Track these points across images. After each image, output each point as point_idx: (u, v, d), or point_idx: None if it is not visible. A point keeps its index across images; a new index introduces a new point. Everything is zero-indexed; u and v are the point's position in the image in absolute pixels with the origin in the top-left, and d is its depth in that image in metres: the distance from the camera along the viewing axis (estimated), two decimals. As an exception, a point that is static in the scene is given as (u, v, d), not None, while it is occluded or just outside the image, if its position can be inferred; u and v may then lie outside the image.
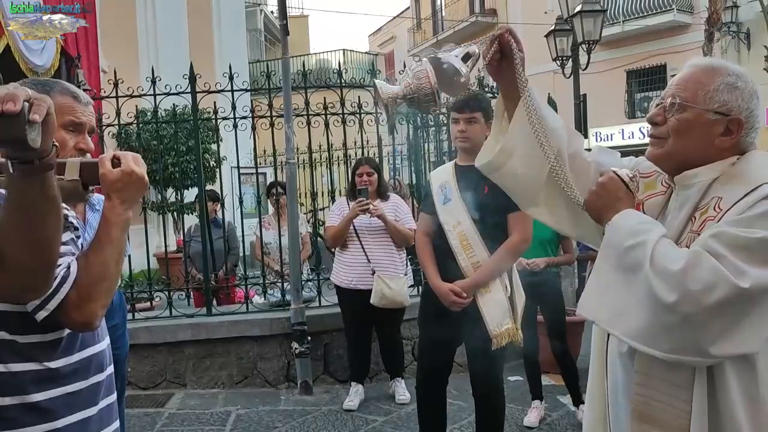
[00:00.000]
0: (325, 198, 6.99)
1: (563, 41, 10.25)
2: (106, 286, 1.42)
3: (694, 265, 1.41)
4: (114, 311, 2.81)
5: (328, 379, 5.37)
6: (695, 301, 1.39)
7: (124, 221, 1.44)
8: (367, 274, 4.75)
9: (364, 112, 5.66)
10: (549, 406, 4.68)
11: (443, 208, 3.34)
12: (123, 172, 1.41)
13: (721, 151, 1.60)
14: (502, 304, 3.26)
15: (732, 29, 17.92)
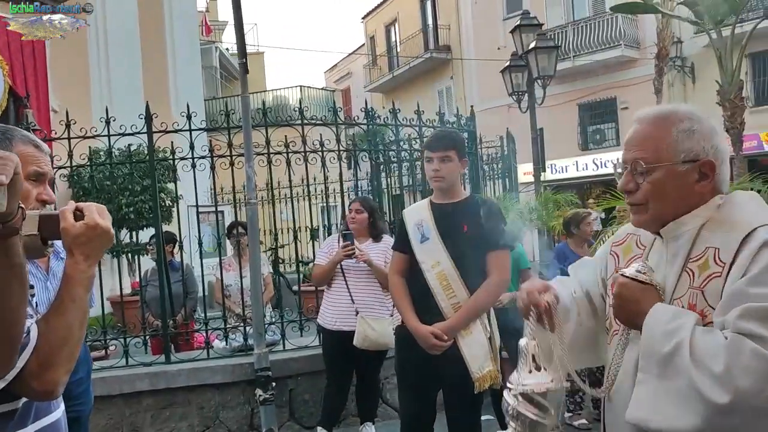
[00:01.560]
0: (286, 235, 6.84)
1: (518, 77, 10.43)
2: (69, 351, 1.30)
3: (737, 356, 1.33)
4: (78, 365, 2.64)
5: (294, 426, 5.17)
6: (751, 395, 1.31)
7: (89, 278, 1.33)
8: (351, 315, 4.61)
9: (326, 149, 5.58)
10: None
11: (421, 247, 3.23)
12: (87, 226, 1.30)
13: (703, 195, 1.58)
14: (483, 346, 3.17)
15: (677, 63, 18.57)
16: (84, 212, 1.31)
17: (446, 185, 3.22)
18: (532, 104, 10.15)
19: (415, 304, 3.25)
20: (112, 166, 5.49)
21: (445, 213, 3.22)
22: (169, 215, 8.79)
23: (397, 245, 3.46)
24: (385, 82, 27.14)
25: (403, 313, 3.30)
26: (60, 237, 1.30)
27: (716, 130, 1.65)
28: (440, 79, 25.47)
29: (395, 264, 3.43)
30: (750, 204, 1.58)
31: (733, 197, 1.59)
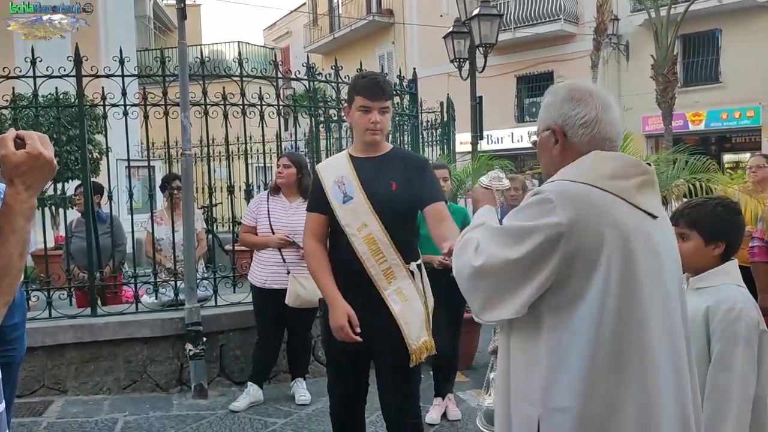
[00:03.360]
0: (221, 194, 6.70)
1: (461, 43, 10.45)
2: (8, 282, 1.26)
3: (459, 248, 1.83)
4: (14, 309, 2.53)
5: (224, 382, 5.14)
6: (459, 277, 1.79)
7: (29, 209, 1.28)
8: (282, 274, 4.58)
9: (266, 103, 5.45)
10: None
11: (343, 208, 2.81)
12: (29, 155, 1.24)
13: (556, 156, 1.79)
14: (420, 314, 2.87)
15: (613, 41, 19.03)
16: (25, 140, 1.26)
17: (380, 139, 2.89)
18: (473, 72, 10.21)
19: (339, 272, 2.85)
20: (37, 110, 5.21)
21: (369, 168, 2.85)
22: (96, 168, 8.46)
23: (313, 206, 2.95)
24: (325, 43, 26.74)
25: (321, 283, 2.86)
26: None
27: (570, 99, 1.78)
28: (382, 44, 25.29)
29: (311, 228, 2.92)
30: (583, 162, 1.72)
31: (584, 157, 1.73)
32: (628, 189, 1.68)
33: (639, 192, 1.70)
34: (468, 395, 4.95)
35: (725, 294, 2.09)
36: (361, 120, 2.83)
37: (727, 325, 2.02)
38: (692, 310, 1.98)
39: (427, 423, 4.37)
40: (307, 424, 4.34)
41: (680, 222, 2.19)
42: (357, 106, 2.82)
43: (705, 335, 2.06)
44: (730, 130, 18.41)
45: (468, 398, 4.89)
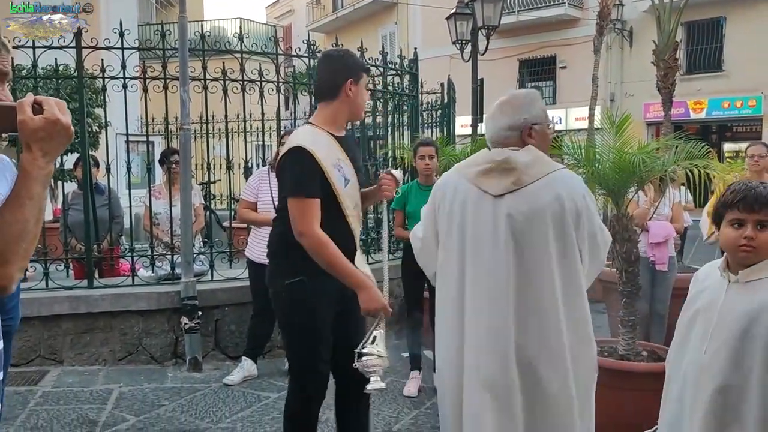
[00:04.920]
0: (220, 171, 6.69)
1: (463, 25, 10.37)
2: (25, 247, 1.27)
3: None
4: None
5: (218, 356, 5.18)
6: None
7: (46, 175, 1.28)
8: None
9: (265, 80, 5.44)
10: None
11: (344, 191, 2.68)
12: (46, 120, 1.24)
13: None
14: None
15: (617, 27, 18.91)
16: (43, 106, 1.25)
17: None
18: (475, 54, 10.15)
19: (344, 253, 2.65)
20: (36, 80, 5.20)
21: (346, 147, 2.78)
22: (96, 141, 8.45)
23: (314, 191, 2.61)
24: (328, 22, 26.55)
25: (348, 269, 2.63)
26: (16, 130, 1.24)
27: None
28: (384, 24, 25.12)
29: (315, 215, 2.60)
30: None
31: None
32: (471, 173, 2.43)
33: (481, 176, 2.39)
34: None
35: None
36: (362, 98, 2.78)
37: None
38: (748, 305, 1.90)
39: (405, 396, 4.44)
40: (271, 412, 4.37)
41: (764, 210, 1.95)
42: (365, 83, 2.76)
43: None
44: (731, 119, 18.38)
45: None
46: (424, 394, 4.53)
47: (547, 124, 2.50)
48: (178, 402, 4.31)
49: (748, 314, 1.91)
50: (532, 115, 2.43)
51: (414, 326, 4.65)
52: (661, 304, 4.97)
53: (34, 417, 4.04)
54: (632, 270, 3.90)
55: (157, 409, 4.19)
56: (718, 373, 1.95)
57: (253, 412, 4.16)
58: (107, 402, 4.30)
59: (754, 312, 1.90)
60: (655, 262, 4.95)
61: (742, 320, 1.92)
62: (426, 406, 4.33)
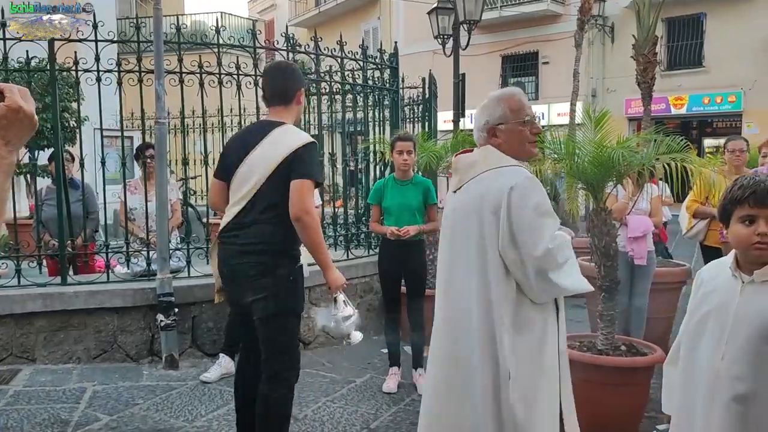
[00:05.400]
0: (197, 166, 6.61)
1: (445, 19, 10.36)
2: None
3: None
4: None
5: (195, 353, 5.11)
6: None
7: (9, 165, 1.21)
8: None
9: (243, 73, 5.36)
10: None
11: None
12: (8, 108, 1.17)
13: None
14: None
15: (599, 22, 18.98)
16: (5, 93, 1.18)
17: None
18: (457, 48, 10.13)
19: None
20: (7, 73, 5.08)
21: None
22: (72, 137, 8.31)
23: (320, 176, 3.11)
24: (311, 17, 26.41)
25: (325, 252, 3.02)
26: None
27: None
28: (367, 19, 25.03)
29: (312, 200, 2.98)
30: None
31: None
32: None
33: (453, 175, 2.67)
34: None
35: None
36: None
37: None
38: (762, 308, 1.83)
39: (384, 392, 4.41)
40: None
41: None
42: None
43: None
44: (712, 114, 18.52)
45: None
46: (404, 390, 4.51)
47: (518, 121, 2.49)
48: (153, 400, 4.24)
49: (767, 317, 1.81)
50: (495, 117, 2.50)
51: (392, 322, 4.61)
52: (640, 299, 4.97)
53: (3, 417, 3.95)
54: (611, 264, 3.89)
55: (132, 408, 4.12)
56: (738, 380, 1.84)
57: (229, 410, 4.09)
58: (80, 401, 4.22)
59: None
60: (633, 257, 4.94)
61: (763, 323, 1.81)
62: (405, 402, 4.30)
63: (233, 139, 3.25)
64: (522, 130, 2.49)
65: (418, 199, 4.45)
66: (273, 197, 2.92)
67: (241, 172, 2.99)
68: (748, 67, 16.93)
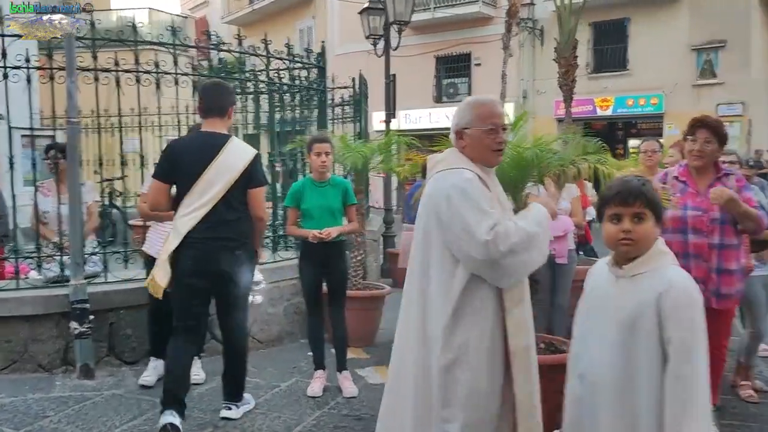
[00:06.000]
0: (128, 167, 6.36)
1: (376, 20, 10.34)
2: None
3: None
4: None
5: (113, 362, 4.92)
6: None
7: None
8: None
9: (162, 71, 5.19)
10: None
11: None
12: None
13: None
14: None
15: (529, 25, 19.38)
16: None
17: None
18: (387, 49, 10.14)
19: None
20: None
21: None
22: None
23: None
24: (244, 14, 26.01)
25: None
26: None
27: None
28: (302, 18, 24.84)
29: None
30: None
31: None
32: None
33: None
34: (367, 372, 4.95)
35: (673, 277, 1.94)
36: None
37: (685, 312, 1.89)
38: (635, 300, 1.93)
39: (309, 396, 4.36)
40: (198, 404, 4.22)
41: (637, 202, 1.99)
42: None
43: (657, 324, 1.90)
44: (636, 116, 19.17)
45: (367, 375, 4.89)
46: (329, 393, 4.46)
47: (482, 129, 2.59)
48: (65, 412, 4.06)
49: (635, 309, 1.94)
50: (463, 121, 2.64)
51: (315, 325, 4.56)
52: (562, 296, 5.08)
53: None
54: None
55: (41, 421, 3.92)
56: (612, 370, 1.97)
57: (146, 420, 3.96)
58: (-15, 415, 4.00)
59: (639, 306, 1.93)
60: (555, 256, 5.05)
61: (630, 315, 1.94)
62: (330, 406, 4.26)
63: (184, 148, 3.75)
64: (485, 137, 2.59)
65: (338, 201, 4.43)
66: (237, 199, 3.67)
67: (206, 179, 3.57)
68: (670, 70, 17.61)
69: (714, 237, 3.53)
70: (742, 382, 4.39)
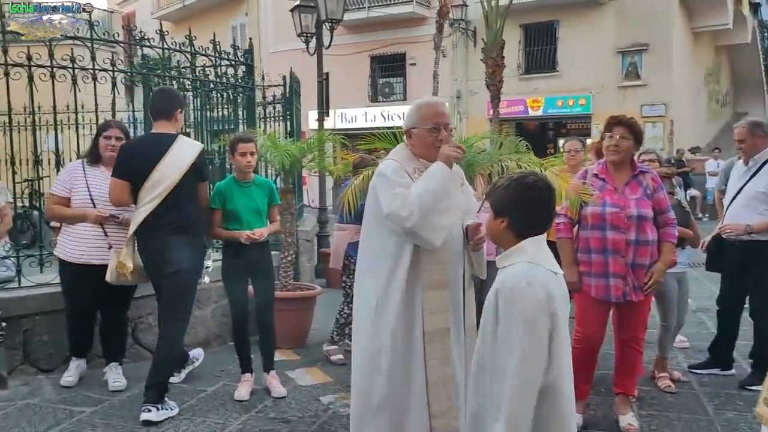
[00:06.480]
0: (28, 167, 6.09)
1: (308, 18, 10.24)
2: None
3: None
4: None
5: (28, 370, 4.69)
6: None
7: None
8: (103, 249, 4.30)
9: (78, 67, 4.98)
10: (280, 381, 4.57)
11: None
12: None
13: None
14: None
15: (462, 26, 19.65)
16: None
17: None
18: (320, 47, 10.06)
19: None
20: None
21: None
22: None
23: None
24: (175, 10, 25.41)
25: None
26: None
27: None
28: (235, 15, 24.45)
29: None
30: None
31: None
32: None
33: None
34: (297, 374, 4.89)
35: (513, 273, 2.01)
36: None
37: (507, 306, 1.95)
38: (492, 291, 2.02)
39: (236, 400, 4.28)
40: (119, 411, 4.07)
41: (490, 200, 2.17)
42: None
43: (495, 316, 1.99)
44: (565, 116, 19.71)
45: (297, 377, 4.82)
46: (256, 396, 4.38)
47: (425, 128, 2.88)
48: (-27, 424, 3.85)
49: (488, 300, 2.04)
50: (409, 122, 2.95)
51: (242, 327, 4.46)
52: (490, 293, 5.14)
53: None
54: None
55: (-55, 436, 3.71)
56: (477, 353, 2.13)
57: (62, 430, 3.79)
58: None
59: (489, 299, 2.04)
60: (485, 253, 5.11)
61: (488, 302, 2.04)
62: (257, 409, 4.18)
63: (135, 148, 4.16)
64: (428, 135, 2.88)
65: (264, 201, 4.37)
66: (186, 192, 3.99)
67: (156, 175, 3.92)
68: (597, 72, 18.17)
69: (631, 233, 3.64)
70: (660, 374, 4.54)
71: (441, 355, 2.68)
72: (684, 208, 4.63)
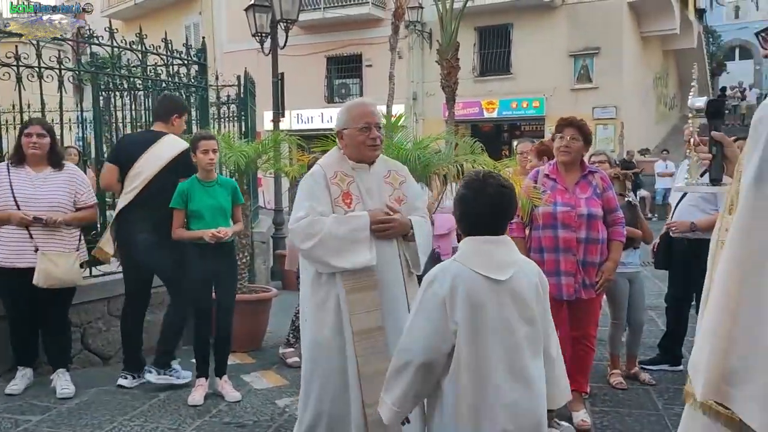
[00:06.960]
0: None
1: (263, 17, 10.16)
2: None
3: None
4: None
5: (-30, 380, 4.53)
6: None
7: None
8: (29, 252, 4.18)
9: (23, 65, 4.82)
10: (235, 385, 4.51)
11: None
12: None
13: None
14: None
15: (418, 28, 19.75)
16: None
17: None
18: (275, 47, 9.98)
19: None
20: None
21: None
22: None
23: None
24: (126, 8, 24.87)
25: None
26: None
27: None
28: (188, 14, 24.07)
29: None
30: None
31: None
32: None
33: None
34: (252, 377, 4.83)
35: (437, 267, 2.18)
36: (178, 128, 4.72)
37: (418, 293, 2.19)
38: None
39: (190, 405, 4.20)
40: (67, 419, 3.96)
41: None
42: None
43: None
44: (520, 118, 19.99)
45: (252, 380, 4.77)
46: (210, 401, 4.31)
47: (356, 128, 2.92)
48: None
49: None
50: (341, 122, 3.00)
51: (204, 330, 4.38)
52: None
53: None
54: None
55: None
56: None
57: (5, 440, 3.67)
58: None
59: None
60: (440, 253, 5.15)
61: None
62: (211, 414, 4.11)
63: (129, 140, 4.75)
64: (359, 135, 2.92)
65: (227, 200, 4.30)
66: (164, 185, 4.22)
67: (137, 166, 4.31)
68: (550, 74, 18.48)
69: (581, 231, 3.71)
70: (612, 370, 4.63)
71: (374, 351, 2.77)
72: (635, 207, 4.74)
